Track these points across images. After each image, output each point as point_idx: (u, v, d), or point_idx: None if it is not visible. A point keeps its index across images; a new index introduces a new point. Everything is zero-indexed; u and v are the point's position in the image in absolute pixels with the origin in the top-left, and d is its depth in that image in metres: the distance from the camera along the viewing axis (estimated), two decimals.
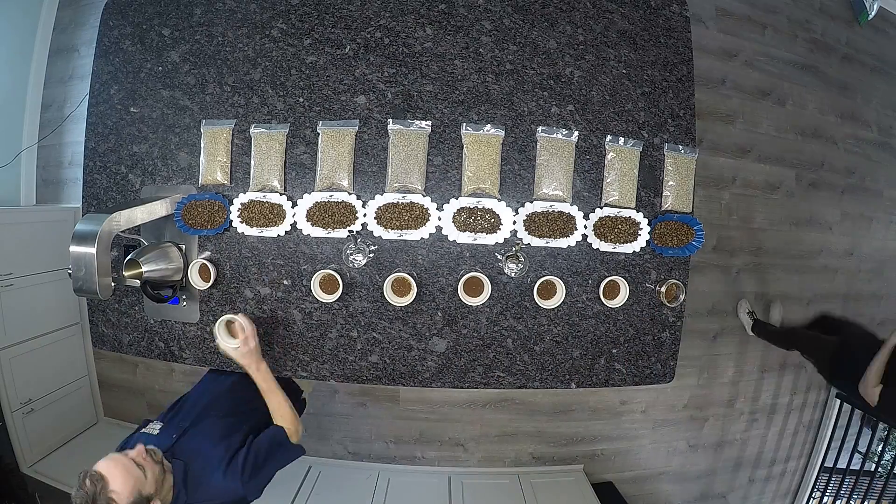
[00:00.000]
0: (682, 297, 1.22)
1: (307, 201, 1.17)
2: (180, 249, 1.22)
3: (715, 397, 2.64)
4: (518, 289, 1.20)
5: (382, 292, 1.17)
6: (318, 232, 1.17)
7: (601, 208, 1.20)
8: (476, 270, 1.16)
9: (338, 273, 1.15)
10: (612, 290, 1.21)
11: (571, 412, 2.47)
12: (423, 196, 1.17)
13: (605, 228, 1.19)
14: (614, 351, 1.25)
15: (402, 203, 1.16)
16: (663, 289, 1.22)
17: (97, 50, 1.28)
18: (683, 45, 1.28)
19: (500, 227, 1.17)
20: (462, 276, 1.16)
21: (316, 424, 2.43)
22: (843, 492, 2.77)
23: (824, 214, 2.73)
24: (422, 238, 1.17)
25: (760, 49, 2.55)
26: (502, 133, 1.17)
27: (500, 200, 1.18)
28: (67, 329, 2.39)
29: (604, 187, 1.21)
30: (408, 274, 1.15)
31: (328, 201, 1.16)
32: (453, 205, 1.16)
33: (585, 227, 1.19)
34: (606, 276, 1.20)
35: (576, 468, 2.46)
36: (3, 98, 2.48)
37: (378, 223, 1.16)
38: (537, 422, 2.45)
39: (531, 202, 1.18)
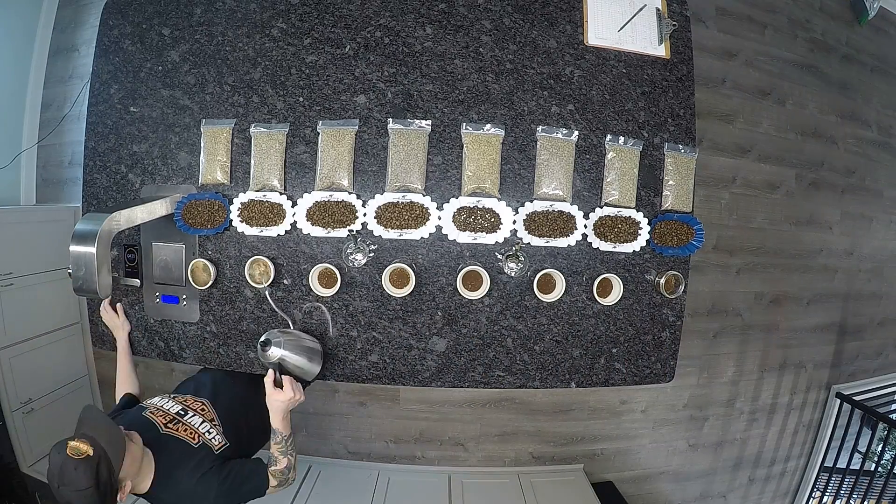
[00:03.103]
0: (681, 289, 1.22)
1: (307, 201, 1.17)
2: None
3: (715, 397, 2.65)
4: (518, 288, 1.20)
5: (382, 290, 1.17)
6: (318, 231, 1.17)
7: (601, 208, 1.20)
8: (475, 264, 1.16)
9: (336, 267, 1.15)
10: (606, 289, 1.21)
11: (571, 412, 2.48)
12: (423, 195, 1.17)
13: (605, 228, 1.19)
14: (614, 350, 1.25)
15: (402, 202, 1.16)
16: (662, 280, 1.22)
17: (97, 49, 1.28)
18: (683, 44, 1.28)
19: (500, 226, 1.17)
20: (461, 269, 1.16)
21: (316, 424, 2.44)
22: (842, 491, 2.78)
23: (824, 214, 2.74)
24: (422, 237, 1.17)
25: (760, 49, 2.55)
26: (502, 132, 1.17)
27: (499, 200, 1.18)
28: (67, 329, 2.39)
29: (604, 187, 1.21)
30: (406, 264, 1.14)
31: (328, 201, 1.16)
32: (453, 204, 1.16)
33: (585, 226, 1.19)
34: (601, 275, 1.20)
35: (576, 468, 2.46)
36: (3, 98, 2.47)
37: (378, 222, 1.16)
38: (537, 421, 2.45)
39: (531, 202, 1.18)
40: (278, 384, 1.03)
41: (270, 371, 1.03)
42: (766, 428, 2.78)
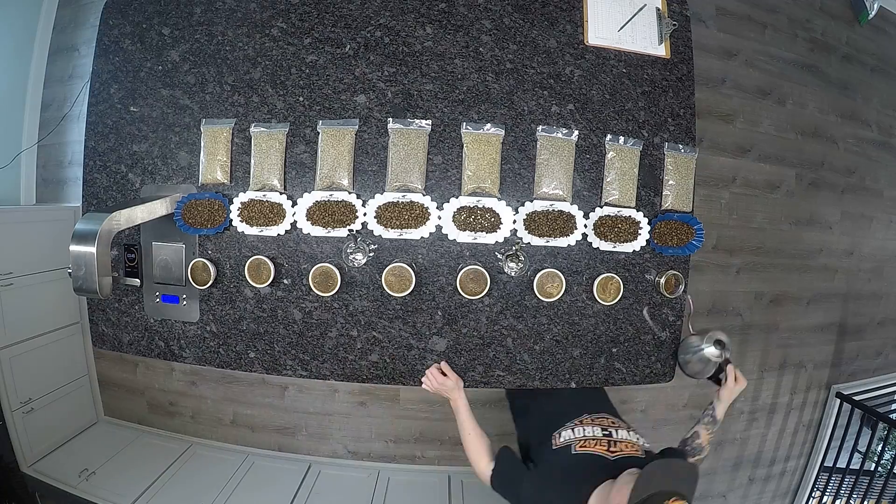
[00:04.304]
0: (681, 289, 1.23)
1: (307, 200, 1.17)
2: None
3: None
4: (518, 288, 1.20)
5: (382, 290, 1.17)
6: (318, 231, 1.17)
7: (601, 207, 1.20)
8: (475, 263, 1.16)
9: (335, 267, 1.15)
10: (606, 288, 1.20)
11: None
12: (423, 195, 1.17)
13: (605, 228, 1.19)
14: (614, 350, 1.25)
15: (402, 202, 1.16)
16: (662, 280, 1.22)
17: (97, 49, 1.28)
18: (683, 44, 1.28)
19: (500, 226, 1.17)
20: (461, 269, 1.16)
21: (316, 424, 2.44)
22: (842, 491, 2.78)
23: (824, 214, 2.74)
24: (422, 237, 1.17)
25: (760, 48, 2.55)
26: (502, 132, 1.17)
27: (499, 199, 1.18)
28: (67, 328, 2.39)
29: (604, 186, 1.21)
30: (406, 264, 1.14)
31: (328, 200, 1.16)
32: (453, 204, 1.16)
33: (585, 226, 1.19)
34: (601, 274, 1.20)
35: None
36: (3, 98, 2.47)
37: (378, 222, 1.16)
38: None
39: (531, 201, 1.18)
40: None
41: (731, 367, 1.16)
42: (766, 428, 2.78)
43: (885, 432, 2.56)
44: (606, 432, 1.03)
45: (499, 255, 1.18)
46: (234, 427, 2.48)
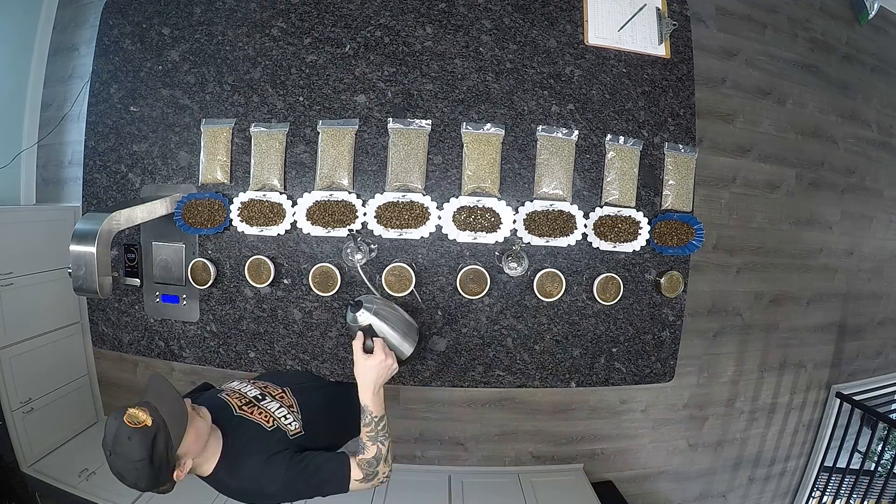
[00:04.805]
0: (681, 288, 1.23)
1: (307, 200, 1.17)
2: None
3: (715, 396, 2.64)
4: (518, 288, 1.20)
5: (383, 290, 1.17)
6: (318, 231, 1.17)
7: (601, 207, 1.20)
8: (475, 263, 1.16)
9: (335, 267, 1.15)
10: (606, 288, 1.20)
11: (571, 411, 2.47)
12: (423, 195, 1.17)
13: (605, 227, 1.19)
14: (614, 350, 1.25)
15: (402, 202, 1.16)
16: (662, 280, 1.22)
17: (97, 49, 1.28)
18: (683, 44, 1.28)
19: (500, 226, 1.17)
20: (461, 269, 1.16)
21: None
22: (842, 491, 2.78)
23: (824, 214, 2.73)
24: (422, 237, 1.17)
25: (760, 48, 2.55)
26: (502, 132, 1.17)
27: (499, 199, 1.18)
28: (68, 328, 2.39)
29: (604, 186, 1.21)
30: (406, 264, 1.14)
31: (328, 200, 1.16)
32: (453, 204, 1.16)
33: (585, 226, 1.19)
34: (601, 274, 1.20)
35: (575, 467, 2.46)
36: (3, 97, 2.47)
37: (378, 222, 1.16)
38: (537, 421, 2.45)
39: (531, 201, 1.18)
40: (368, 350, 0.90)
41: (359, 334, 0.91)
42: (766, 427, 2.78)
43: (885, 432, 2.56)
44: (260, 397, 0.98)
45: (499, 255, 1.18)
46: None
